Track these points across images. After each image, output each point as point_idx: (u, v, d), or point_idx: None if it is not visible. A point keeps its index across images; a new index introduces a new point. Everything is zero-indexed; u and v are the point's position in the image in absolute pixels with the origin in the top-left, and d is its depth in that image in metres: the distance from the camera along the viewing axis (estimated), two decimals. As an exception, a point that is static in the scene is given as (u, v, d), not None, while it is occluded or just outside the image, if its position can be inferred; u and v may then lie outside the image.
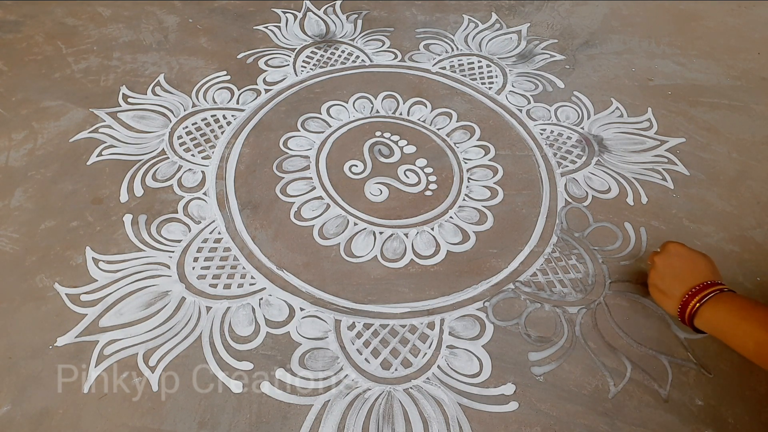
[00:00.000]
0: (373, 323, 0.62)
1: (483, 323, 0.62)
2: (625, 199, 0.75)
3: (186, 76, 0.92)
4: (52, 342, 0.58)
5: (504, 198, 0.75)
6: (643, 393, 0.56)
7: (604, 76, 0.96)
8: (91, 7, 1.06)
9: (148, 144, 0.80)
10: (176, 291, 0.63)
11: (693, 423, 0.54)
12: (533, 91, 0.92)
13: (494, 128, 0.86)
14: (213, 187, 0.75)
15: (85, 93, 0.88)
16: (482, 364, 0.58)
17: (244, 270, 0.66)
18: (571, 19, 1.09)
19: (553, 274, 0.67)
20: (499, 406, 0.55)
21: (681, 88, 0.94)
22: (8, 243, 0.67)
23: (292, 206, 0.73)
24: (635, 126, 0.87)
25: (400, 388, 0.56)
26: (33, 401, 0.54)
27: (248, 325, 0.61)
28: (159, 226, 0.69)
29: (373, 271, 0.67)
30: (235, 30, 1.02)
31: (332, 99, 0.89)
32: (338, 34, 1.03)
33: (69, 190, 0.73)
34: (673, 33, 1.07)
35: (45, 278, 0.63)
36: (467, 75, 0.95)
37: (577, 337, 0.61)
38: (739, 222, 0.73)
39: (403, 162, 0.80)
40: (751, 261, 0.68)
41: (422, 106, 0.89)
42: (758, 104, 0.91)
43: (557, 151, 0.82)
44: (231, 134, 0.82)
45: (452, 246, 0.69)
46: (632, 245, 0.70)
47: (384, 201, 0.74)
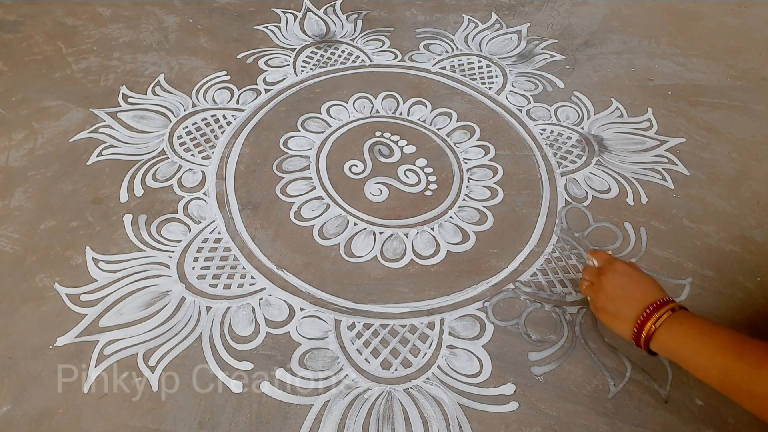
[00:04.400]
0: (373, 323, 0.62)
1: (483, 323, 0.62)
2: (625, 199, 0.75)
3: (186, 76, 0.92)
4: (52, 342, 0.58)
5: (504, 198, 0.75)
6: (643, 393, 0.56)
7: (604, 76, 0.96)
8: (91, 7, 1.06)
9: (148, 144, 0.80)
10: (176, 291, 0.63)
11: (693, 423, 0.54)
12: (533, 91, 0.92)
13: (494, 128, 0.86)
14: (213, 187, 0.75)
15: (85, 93, 0.88)
16: (482, 364, 0.58)
17: (244, 270, 0.66)
18: (571, 19, 1.09)
19: (553, 274, 0.67)
20: (499, 406, 0.55)
21: (681, 88, 0.94)
22: (8, 243, 0.67)
23: (292, 206, 0.73)
24: (635, 126, 0.87)
25: (400, 388, 0.56)
26: (33, 401, 0.54)
27: (248, 325, 0.61)
28: (159, 226, 0.69)
29: (373, 271, 0.67)
30: (235, 30, 1.02)
31: (332, 99, 0.89)
32: (338, 34, 1.03)
33: (69, 190, 0.73)
34: (673, 33, 1.07)
35: (45, 278, 0.63)
36: (467, 75, 0.95)
37: (577, 337, 0.61)
38: (739, 222, 0.73)
39: (403, 162, 0.80)
40: (751, 261, 0.68)
41: (422, 106, 0.89)
42: (758, 104, 0.91)
43: (557, 151, 0.82)
44: (231, 134, 0.82)
45: (452, 246, 0.69)
46: (632, 245, 0.70)
47: (384, 201, 0.74)
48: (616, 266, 0.55)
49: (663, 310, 0.50)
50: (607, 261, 0.57)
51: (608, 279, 0.55)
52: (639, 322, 0.51)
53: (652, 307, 0.50)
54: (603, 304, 0.55)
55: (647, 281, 0.54)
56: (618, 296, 0.53)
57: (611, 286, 0.54)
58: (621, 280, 0.54)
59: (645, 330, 0.50)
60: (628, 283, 0.54)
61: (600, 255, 0.59)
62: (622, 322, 0.52)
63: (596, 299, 0.56)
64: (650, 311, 0.50)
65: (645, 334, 0.50)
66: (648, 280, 0.54)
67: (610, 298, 0.54)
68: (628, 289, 0.53)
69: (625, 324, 0.52)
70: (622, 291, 0.53)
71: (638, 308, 0.51)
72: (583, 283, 0.59)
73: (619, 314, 0.53)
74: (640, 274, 0.55)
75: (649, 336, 0.50)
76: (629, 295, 0.53)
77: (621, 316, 0.53)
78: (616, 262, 0.56)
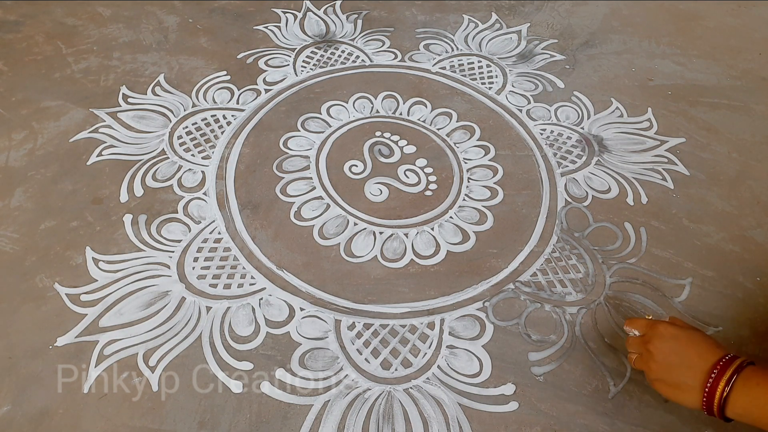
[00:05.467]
0: (373, 323, 0.62)
1: (483, 323, 0.62)
2: (625, 199, 0.75)
3: (186, 76, 0.92)
4: (52, 342, 0.58)
5: (504, 198, 0.75)
6: (643, 393, 0.56)
7: (604, 76, 0.96)
8: (91, 7, 1.06)
9: (148, 144, 0.80)
10: (176, 291, 0.63)
11: (693, 423, 0.54)
12: (533, 91, 0.92)
13: (494, 128, 0.86)
14: (213, 187, 0.75)
15: (85, 93, 0.88)
16: (482, 364, 0.58)
17: (244, 270, 0.66)
18: (571, 19, 1.09)
19: (553, 274, 0.67)
20: (499, 406, 0.55)
21: (681, 88, 0.94)
22: (8, 243, 0.67)
23: (292, 206, 0.73)
24: (635, 126, 0.87)
25: (400, 388, 0.56)
26: (33, 401, 0.54)
27: (248, 325, 0.61)
28: (159, 226, 0.69)
29: (373, 271, 0.67)
30: (235, 30, 1.02)
31: (332, 99, 0.89)
32: (338, 34, 1.03)
33: (69, 190, 0.73)
34: (673, 33, 1.07)
35: (45, 278, 0.63)
36: (467, 75, 0.95)
37: (577, 337, 0.61)
38: (739, 222, 0.73)
39: (403, 162, 0.80)
40: (751, 261, 0.68)
41: (422, 106, 0.89)
42: (758, 104, 0.91)
43: (557, 151, 0.82)
44: (231, 134, 0.82)
45: (452, 246, 0.69)
46: (632, 245, 0.69)
47: (384, 201, 0.74)
48: (660, 330, 0.49)
49: (730, 371, 0.43)
50: (649, 326, 0.51)
51: (656, 347, 0.48)
52: (707, 389, 0.44)
53: (717, 370, 0.44)
54: (658, 375, 0.48)
55: (699, 338, 0.48)
56: (673, 364, 0.47)
57: (662, 354, 0.48)
58: (670, 344, 0.48)
59: (716, 398, 0.43)
60: (679, 347, 0.47)
61: (638, 323, 0.53)
62: (687, 393, 0.46)
63: (650, 371, 0.49)
64: (717, 375, 0.44)
65: (717, 401, 0.43)
66: (699, 337, 0.48)
67: (665, 368, 0.48)
68: (681, 353, 0.47)
69: (690, 394, 0.46)
70: (676, 357, 0.47)
71: (701, 373, 0.45)
72: (632, 357, 0.52)
73: (680, 385, 0.46)
74: (688, 332, 0.49)
75: (723, 402, 0.43)
76: (685, 360, 0.46)
77: (683, 386, 0.46)
78: (658, 325, 0.50)
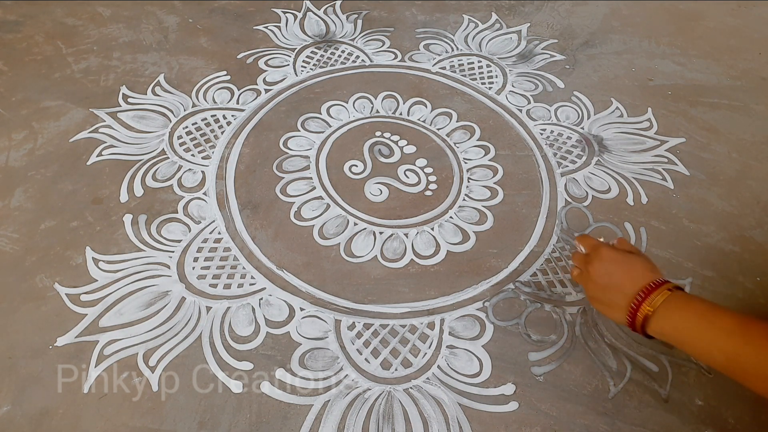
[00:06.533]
0: (373, 323, 0.62)
1: (483, 323, 0.62)
2: (625, 199, 0.75)
3: (186, 76, 0.92)
4: (52, 342, 0.58)
5: (504, 198, 0.75)
6: (643, 393, 0.56)
7: (604, 76, 0.96)
8: (91, 7, 1.06)
9: (148, 144, 0.80)
10: (176, 291, 0.63)
11: (693, 423, 0.54)
12: (533, 91, 0.92)
13: (494, 128, 0.86)
14: (213, 187, 0.75)
15: (85, 93, 0.88)
16: (482, 364, 0.58)
17: (244, 270, 0.66)
18: (571, 19, 1.09)
19: (553, 274, 0.67)
20: (499, 406, 0.55)
21: (681, 88, 0.94)
22: (8, 243, 0.67)
23: (292, 206, 0.73)
24: (635, 126, 0.87)
25: (400, 388, 0.56)
26: (33, 401, 0.54)
27: (248, 325, 0.61)
28: (159, 226, 0.69)
29: (373, 271, 0.67)
30: (235, 30, 1.02)
31: (332, 99, 0.89)
32: (338, 34, 1.03)
33: (69, 190, 0.73)
34: (673, 33, 1.07)
35: (45, 278, 0.63)
36: (467, 75, 0.95)
37: (577, 337, 0.61)
38: (739, 222, 0.73)
39: (403, 162, 0.80)
40: (751, 261, 0.68)
41: (422, 106, 0.89)
42: (758, 104, 0.91)
43: (557, 151, 0.82)
44: (231, 134, 0.82)
45: (452, 246, 0.69)
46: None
47: (384, 201, 0.74)
48: (602, 253, 0.52)
49: (656, 294, 0.47)
50: (594, 247, 0.54)
51: (595, 268, 0.52)
52: (632, 309, 0.48)
53: (643, 293, 0.47)
54: (593, 293, 0.52)
55: (637, 265, 0.50)
56: (606, 284, 0.51)
57: (598, 274, 0.51)
58: (608, 267, 0.51)
59: (638, 317, 0.47)
60: (615, 270, 0.50)
61: (586, 241, 0.56)
62: (615, 311, 0.50)
63: (587, 289, 0.53)
64: (642, 297, 0.47)
65: (639, 320, 0.47)
66: (637, 263, 0.50)
67: (600, 287, 0.51)
68: (616, 276, 0.50)
69: (618, 312, 0.50)
70: (610, 278, 0.50)
71: (629, 295, 0.48)
72: (574, 271, 0.56)
73: (611, 303, 0.50)
74: (628, 258, 0.51)
75: (644, 322, 0.47)
76: (618, 282, 0.50)
77: (613, 304, 0.50)
78: (601, 248, 0.53)
